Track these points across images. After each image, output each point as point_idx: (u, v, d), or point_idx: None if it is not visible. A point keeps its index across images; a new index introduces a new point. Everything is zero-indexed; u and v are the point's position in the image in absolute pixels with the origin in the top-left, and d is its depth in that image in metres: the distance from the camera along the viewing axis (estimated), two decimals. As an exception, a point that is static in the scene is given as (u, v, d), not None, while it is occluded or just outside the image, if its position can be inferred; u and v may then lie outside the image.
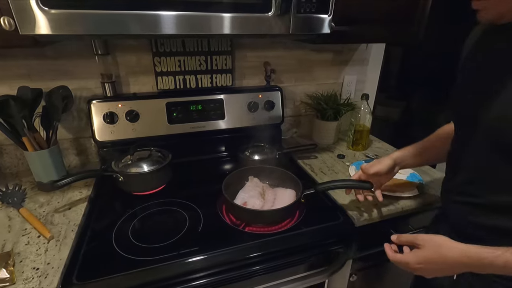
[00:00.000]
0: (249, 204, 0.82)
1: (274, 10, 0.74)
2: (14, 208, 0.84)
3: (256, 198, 0.83)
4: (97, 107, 1.00)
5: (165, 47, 1.03)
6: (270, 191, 0.88)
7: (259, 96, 1.16)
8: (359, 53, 1.33)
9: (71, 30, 0.64)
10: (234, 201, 0.83)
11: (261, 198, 0.84)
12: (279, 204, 0.82)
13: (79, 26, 0.64)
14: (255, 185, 0.89)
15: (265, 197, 0.85)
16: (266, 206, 0.83)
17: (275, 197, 0.86)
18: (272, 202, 0.85)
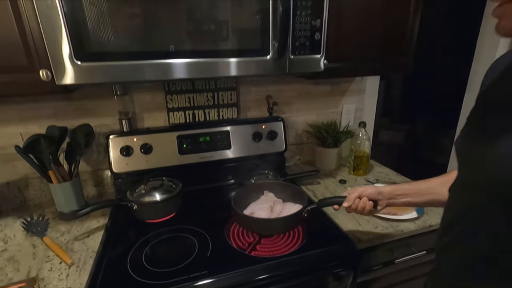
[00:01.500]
0: (256, 215, 0.88)
1: (272, 53, 0.84)
2: (38, 237, 0.91)
3: (264, 210, 0.90)
4: (115, 141, 1.10)
5: (176, 86, 1.14)
6: (279, 205, 0.94)
7: (262, 126, 1.24)
8: (356, 83, 1.42)
9: (97, 79, 0.75)
10: (244, 212, 0.89)
11: (269, 211, 0.90)
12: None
13: (104, 75, 0.75)
14: (268, 199, 0.96)
15: (273, 210, 0.91)
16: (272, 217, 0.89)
17: (283, 210, 0.92)
18: (278, 215, 0.91)
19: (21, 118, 1.04)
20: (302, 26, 0.84)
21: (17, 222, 1.00)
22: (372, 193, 0.76)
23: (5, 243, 0.90)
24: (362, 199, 0.76)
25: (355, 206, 0.77)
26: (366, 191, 0.77)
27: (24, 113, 1.03)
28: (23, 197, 1.12)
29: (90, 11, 0.68)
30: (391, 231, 0.92)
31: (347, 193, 0.80)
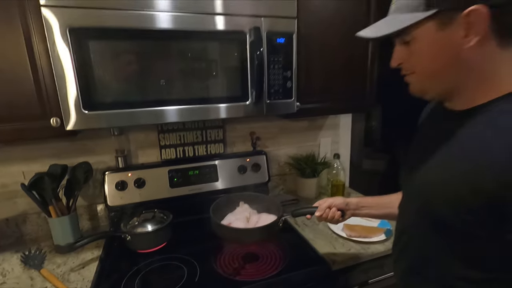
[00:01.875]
0: (233, 225, 0.98)
1: (251, 99, 1.00)
2: (35, 270, 0.97)
3: (240, 221, 1.00)
4: (111, 177, 1.19)
5: (168, 126, 1.28)
6: (255, 216, 1.04)
7: (247, 160, 1.37)
8: (330, 119, 1.59)
9: (101, 124, 0.87)
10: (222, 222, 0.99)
11: (245, 222, 1.00)
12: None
13: (106, 121, 0.87)
14: (244, 210, 1.06)
15: (250, 221, 1.01)
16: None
17: (259, 220, 1.02)
18: (254, 225, 1.00)
19: (24, 158, 1.14)
20: (275, 77, 1.00)
21: (14, 256, 1.05)
22: (340, 203, 0.86)
23: (3, 277, 0.95)
24: (331, 209, 0.86)
25: (325, 215, 0.85)
26: (335, 202, 0.86)
27: (29, 153, 1.13)
28: (20, 232, 1.18)
29: (97, 70, 0.83)
30: (362, 253, 1.02)
31: (318, 204, 0.89)
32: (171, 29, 0.87)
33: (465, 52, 0.48)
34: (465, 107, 0.53)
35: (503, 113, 0.48)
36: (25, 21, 0.80)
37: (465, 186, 0.49)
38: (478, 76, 0.50)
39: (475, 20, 0.45)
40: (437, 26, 0.48)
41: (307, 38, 1.08)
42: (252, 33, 0.93)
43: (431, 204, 0.56)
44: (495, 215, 0.46)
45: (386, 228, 1.11)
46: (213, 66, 0.95)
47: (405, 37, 0.52)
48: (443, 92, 0.55)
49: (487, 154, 0.47)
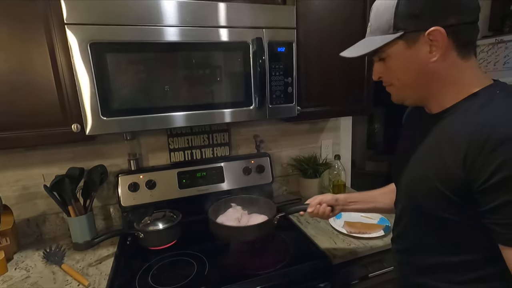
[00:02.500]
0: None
1: (254, 104, 1.07)
2: (56, 265, 1.05)
3: (232, 222, 1.08)
4: (123, 179, 1.27)
5: (177, 130, 1.36)
6: (245, 217, 1.11)
7: (251, 162, 1.43)
8: (331, 122, 1.65)
9: (116, 129, 0.95)
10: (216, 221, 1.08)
11: (236, 222, 1.08)
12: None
13: (121, 127, 0.95)
14: (235, 212, 1.14)
15: (240, 221, 1.09)
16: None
17: (249, 220, 1.09)
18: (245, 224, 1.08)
19: (44, 162, 1.22)
20: (277, 83, 1.07)
21: (36, 254, 1.13)
22: (330, 199, 0.93)
23: (27, 271, 1.03)
24: (322, 205, 0.92)
25: (316, 211, 0.92)
26: (325, 199, 0.93)
27: (48, 157, 1.22)
28: (40, 232, 1.26)
29: (113, 80, 0.91)
30: (362, 248, 1.07)
31: (309, 201, 0.96)
32: (180, 42, 0.95)
33: (431, 65, 0.57)
34: (438, 110, 0.62)
35: (466, 111, 0.57)
36: (50, 37, 0.88)
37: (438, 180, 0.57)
38: (445, 84, 0.59)
39: (436, 38, 0.54)
40: (406, 45, 0.57)
41: (306, 46, 1.15)
42: (254, 43, 1.01)
43: (414, 198, 0.65)
44: (467, 201, 0.54)
45: (385, 225, 1.17)
46: (218, 74, 1.03)
47: (380, 55, 0.62)
48: (418, 99, 0.65)
49: (453, 148, 0.55)
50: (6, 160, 1.17)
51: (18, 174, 1.20)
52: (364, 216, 1.27)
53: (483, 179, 0.50)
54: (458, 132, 0.55)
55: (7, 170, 1.18)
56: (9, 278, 0.99)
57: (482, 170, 0.50)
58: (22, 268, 1.04)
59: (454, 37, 0.55)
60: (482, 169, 0.50)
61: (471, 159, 0.51)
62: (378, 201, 0.94)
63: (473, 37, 0.58)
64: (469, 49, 0.58)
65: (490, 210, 0.51)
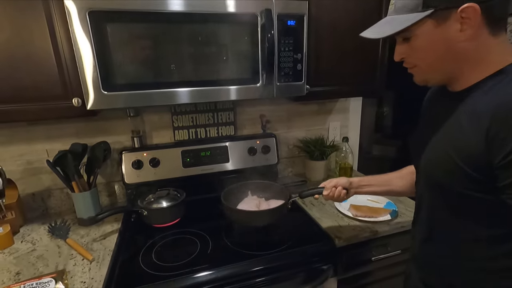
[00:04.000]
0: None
1: (261, 82, 1.02)
2: (61, 239, 1.06)
3: (252, 208, 1.06)
4: (127, 156, 1.26)
5: (181, 108, 1.32)
6: (264, 203, 1.10)
7: (257, 142, 1.40)
8: (340, 103, 1.60)
9: (118, 105, 0.92)
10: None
11: (256, 208, 1.06)
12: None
13: (123, 102, 0.92)
14: (253, 199, 1.12)
15: (260, 208, 1.07)
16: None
17: (269, 206, 1.07)
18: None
19: (47, 137, 1.21)
20: (285, 59, 1.02)
21: (41, 228, 1.14)
22: (345, 183, 0.94)
23: (33, 244, 1.04)
24: (337, 188, 0.93)
25: (332, 193, 0.93)
26: (339, 182, 0.94)
27: (51, 132, 1.20)
28: (45, 207, 1.27)
29: (115, 52, 0.87)
30: (368, 232, 1.05)
31: (324, 184, 0.96)
32: (184, 12, 0.89)
33: (461, 44, 0.55)
34: (462, 88, 0.59)
35: (491, 88, 0.54)
36: (48, 6, 0.84)
37: (458, 157, 0.56)
38: (473, 62, 0.57)
39: (468, 16, 0.51)
40: (435, 23, 0.54)
41: (318, 20, 1.08)
42: (263, 15, 0.94)
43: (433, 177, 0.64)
44: (488, 176, 0.53)
45: (392, 209, 1.14)
46: (224, 49, 0.97)
47: (405, 35, 0.58)
48: (443, 80, 0.62)
49: (475, 122, 0.53)
50: (9, 135, 1.16)
51: (21, 148, 1.19)
52: (370, 199, 1.24)
53: (504, 154, 0.49)
54: (481, 107, 0.53)
55: (10, 145, 1.17)
56: (16, 250, 1.01)
57: (503, 144, 0.49)
58: (28, 241, 1.06)
59: (487, 14, 0.52)
60: (504, 143, 0.49)
61: (493, 133, 0.50)
62: (394, 184, 0.93)
63: (506, 13, 0.55)
64: (500, 26, 0.55)
65: (508, 185, 0.50)
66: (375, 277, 1.14)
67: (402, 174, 0.93)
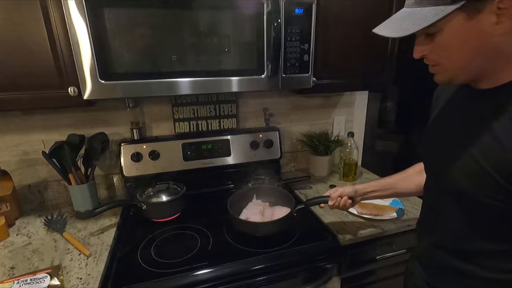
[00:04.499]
0: (250, 220, 0.99)
1: (266, 73, 0.98)
2: (58, 233, 1.03)
3: (256, 215, 1.01)
4: (126, 148, 1.22)
5: (182, 99, 1.28)
6: (268, 209, 1.05)
7: (259, 136, 1.36)
8: (346, 97, 1.55)
9: (116, 94, 0.88)
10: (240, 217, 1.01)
11: (260, 215, 1.01)
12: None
13: (122, 92, 0.88)
14: (257, 204, 1.08)
15: (264, 214, 1.02)
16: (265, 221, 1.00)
17: (273, 213, 1.03)
18: (270, 218, 1.02)
19: (44, 127, 1.17)
20: (292, 50, 0.97)
21: (38, 220, 1.11)
22: (350, 192, 0.91)
23: (29, 238, 1.01)
24: (343, 198, 0.90)
25: (337, 204, 0.91)
26: (345, 191, 0.91)
27: (47, 122, 1.16)
28: (42, 199, 1.24)
29: (112, 39, 0.82)
30: (373, 230, 1.02)
31: (329, 193, 0.93)
32: (187, -3, 0.84)
33: (496, 38, 0.48)
34: (491, 86, 0.54)
35: None
36: (41, -12, 0.79)
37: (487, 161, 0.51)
38: (507, 58, 0.50)
39: (506, 6, 0.45)
40: (466, 17, 0.47)
41: (326, 9, 1.03)
42: (269, 2, 0.89)
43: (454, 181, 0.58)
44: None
45: (398, 207, 1.11)
46: (227, 37, 0.92)
47: (430, 30, 0.51)
48: (470, 79, 0.56)
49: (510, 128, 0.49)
50: (4, 124, 1.12)
51: (17, 138, 1.15)
52: (375, 197, 1.21)
53: None
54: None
55: (5, 134, 1.13)
56: (11, 243, 0.98)
57: None
58: (23, 234, 1.03)
59: None
60: None
61: None
62: (399, 187, 0.90)
63: None
64: None
65: None
66: (378, 276, 1.12)
67: (405, 175, 0.91)
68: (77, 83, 0.84)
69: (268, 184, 1.24)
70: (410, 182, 0.88)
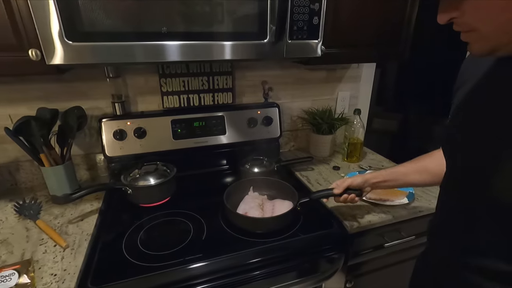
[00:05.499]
0: (250, 214, 0.88)
1: (269, 37, 0.83)
2: (31, 220, 0.91)
3: (256, 209, 0.89)
4: (108, 125, 1.08)
5: (170, 69, 1.12)
6: (268, 203, 0.94)
7: (257, 112, 1.24)
8: (352, 70, 1.42)
9: (89, 59, 0.72)
10: (237, 211, 0.89)
11: (260, 209, 0.90)
12: (277, 214, 0.88)
13: (96, 56, 0.72)
14: (254, 197, 0.96)
15: (264, 208, 0.91)
16: (266, 216, 0.89)
17: (274, 208, 0.92)
18: (271, 213, 0.91)
19: (9, 100, 1.01)
20: (300, 10, 0.82)
21: (8, 205, 0.99)
22: (360, 183, 0.84)
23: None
24: (350, 195, 0.85)
25: (344, 199, 0.86)
26: (354, 182, 0.84)
27: (13, 94, 1.00)
28: (14, 180, 1.10)
29: (80, -13, 0.66)
30: (383, 217, 0.94)
31: (336, 184, 0.86)
32: None
33: None
34: None
35: None
36: None
37: None
38: None
39: None
40: None
41: (341, -39, 0.87)
42: None
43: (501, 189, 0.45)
44: None
45: (409, 192, 1.02)
46: (224, -7, 0.77)
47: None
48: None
49: None
50: (-39, 95, 0.96)
51: (-22, 113, 0.99)
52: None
53: None
54: None
55: (-37, 108, 0.98)
56: (-25, 232, 0.86)
57: None
58: (-9, 222, 0.91)
59: None
60: None
61: None
62: (411, 179, 0.83)
63: None
64: None
65: None
66: (385, 263, 1.05)
67: (420, 169, 0.81)
68: (39, 45, 0.68)
69: (265, 166, 1.14)
70: (424, 177, 0.79)
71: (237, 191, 0.98)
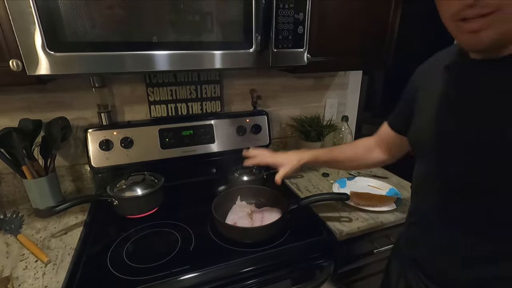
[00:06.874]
0: (239, 224, 0.87)
1: (255, 46, 0.84)
2: (11, 235, 0.88)
3: (245, 219, 0.88)
4: (93, 135, 1.06)
5: (157, 78, 1.12)
6: (257, 212, 0.94)
7: (246, 120, 1.24)
8: (339, 78, 1.44)
9: (73, 70, 0.72)
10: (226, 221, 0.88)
11: (249, 219, 0.89)
12: (267, 223, 0.87)
13: (80, 66, 0.72)
14: (242, 207, 0.95)
15: (253, 218, 0.91)
16: (255, 225, 0.89)
17: (263, 216, 0.92)
18: (260, 222, 0.90)
19: (-9, 111, 0.99)
20: (285, 19, 0.83)
21: (-12, 220, 0.95)
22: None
23: (-25, 242, 0.85)
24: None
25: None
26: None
27: (-5, 105, 0.98)
28: (-4, 194, 1.07)
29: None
30: (372, 223, 0.94)
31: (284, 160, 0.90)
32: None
33: None
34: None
35: None
36: None
37: None
38: None
39: None
40: None
41: (324, -27, 0.89)
42: (259, -41, 0.74)
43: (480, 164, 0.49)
44: None
45: (397, 197, 1.03)
46: (212, 3, 0.77)
47: None
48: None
49: None
50: None
51: (-42, 124, 0.96)
52: (371, 185, 1.13)
53: None
54: None
55: None
56: (-48, 250, 0.82)
57: None
58: (-31, 238, 0.87)
59: None
60: None
61: None
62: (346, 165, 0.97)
63: None
64: None
65: None
66: (375, 269, 1.05)
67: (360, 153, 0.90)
68: (20, 56, 0.67)
69: (254, 174, 1.13)
70: (362, 160, 0.90)
71: (226, 201, 0.98)
